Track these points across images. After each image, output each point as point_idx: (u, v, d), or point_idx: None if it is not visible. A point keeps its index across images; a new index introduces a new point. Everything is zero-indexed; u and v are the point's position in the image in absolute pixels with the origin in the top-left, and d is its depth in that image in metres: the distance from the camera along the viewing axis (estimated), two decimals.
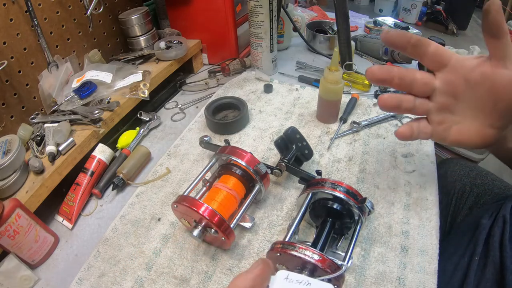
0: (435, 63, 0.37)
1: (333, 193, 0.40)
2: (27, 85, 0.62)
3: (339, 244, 0.43)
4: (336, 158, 0.59)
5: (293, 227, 0.40)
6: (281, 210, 0.50)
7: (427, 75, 0.38)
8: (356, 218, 0.41)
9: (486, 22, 0.32)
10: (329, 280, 0.34)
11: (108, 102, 0.64)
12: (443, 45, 1.07)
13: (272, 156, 0.60)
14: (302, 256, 0.33)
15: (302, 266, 0.35)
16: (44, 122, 0.60)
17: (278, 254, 0.35)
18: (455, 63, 0.36)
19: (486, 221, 0.45)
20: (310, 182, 0.44)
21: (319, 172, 0.46)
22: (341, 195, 0.40)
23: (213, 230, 0.40)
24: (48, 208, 0.54)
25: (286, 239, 0.39)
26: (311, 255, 0.33)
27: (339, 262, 0.36)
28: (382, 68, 0.37)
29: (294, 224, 0.41)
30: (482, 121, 0.37)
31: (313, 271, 0.35)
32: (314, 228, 0.47)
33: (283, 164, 0.50)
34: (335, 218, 0.42)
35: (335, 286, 0.34)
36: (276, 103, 0.73)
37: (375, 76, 0.38)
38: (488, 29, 0.32)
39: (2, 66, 0.55)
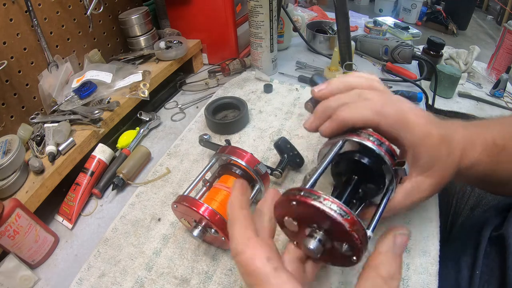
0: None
1: (371, 146, 0.32)
2: (27, 85, 0.62)
3: (357, 211, 0.37)
4: None
5: (315, 175, 0.32)
6: None
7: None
8: (387, 184, 0.35)
9: None
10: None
11: (108, 102, 0.64)
12: (443, 45, 1.07)
13: (272, 156, 0.60)
14: (328, 210, 0.25)
15: (318, 225, 0.27)
16: (44, 122, 0.60)
17: (294, 203, 0.27)
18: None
19: (486, 233, 0.45)
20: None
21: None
22: (381, 151, 0.32)
23: (213, 230, 0.40)
24: (48, 208, 0.54)
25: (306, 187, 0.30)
26: (339, 211, 0.25)
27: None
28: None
29: (316, 174, 0.32)
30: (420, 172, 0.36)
31: (334, 235, 0.27)
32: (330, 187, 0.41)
33: (278, 172, 0.51)
34: (362, 178, 0.35)
35: (354, 258, 0.27)
36: (276, 103, 0.73)
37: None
38: None
39: (2, 66, 0.54)
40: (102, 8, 0.72)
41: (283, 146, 0.53)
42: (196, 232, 0.41)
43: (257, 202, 0.51)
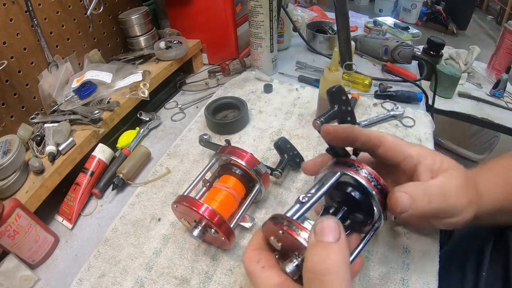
0: (383, 162, 0.37)
1: (365, 184, 0.34)
2: (27, 85, 0.62)
3: None
4: None
5: (308, 204, 0.33)
6: (281, 211, 0.50)
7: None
8: (375, 221, 0.36)
9: None
10: None
11: (108, 102, 0.64)
12: (443, 45, 1.06)
13: (272, 156, 0.60)
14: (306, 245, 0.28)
15: (299, 252, 0.30)
16: (44, 122, 0.60)
17: (281, 232, 0.29)
18: (404, 168, 0.36)
19: (489, 247, 0.45)
20: (342, 159, 0.38)
21: (356, 153, 0.40)
22: (373, 192, 0.34)
23: (213, 230, 0.40)
24: (48, 208, 0.54)
25: (296, 216, 0.32)
26: None
27: None
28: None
29: (310, 202, 0.33)
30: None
31: None
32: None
33: (278, 173, 0.51)
34: (351, 210, 0.37)
35: None
36: (276, 103, 0.73)
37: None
38: None
39: (2, 66, 0.54)
40: (102, 8, 0.72)
41: (283, 146, 0.53)
42: (196, 232, 0.41)
43: (257, 202, 0.51)
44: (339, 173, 0.36)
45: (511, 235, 0.41)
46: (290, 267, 0.29)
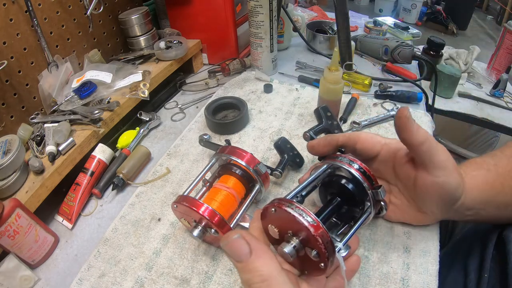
0: (364, 157, 0.41)
1: (348, 169, 0.38)
2: (27, 85, 0.62)
3: (340, 231, 0.40)
4: None
5: (297, 188, 0.37)
6: None
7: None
8: (366, 206, 0.39)
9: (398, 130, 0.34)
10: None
11: (108, 102, 0.64)
12: (443, 45, 1.06)
13: (272, 156, 0.60)
14: (297, 215, 0.30)
15: (294, 232, 0.31)
16: (44, 122, 0.60)
17: (273, 210, 0.31)
18: (385, 156, 0.40)
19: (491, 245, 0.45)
20: (329, 156, 0.42)
21: (342, 151, 0.43)
22: (356, 173, 0.37)
23: (213, 230, 0.40)
24: (48, 208, 0.54)
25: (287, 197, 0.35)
26: (306, 218, 0.29)
27: (337, 239, 0.33)
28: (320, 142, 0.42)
29: (299, 187, 0.37)
30: (415, 207, 0.41)
31: (306, 241, 0.31)
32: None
33: (278, 173, 0.51)
34: (344, 200, 0.39)
35: (321, 264, 0.30)
36: (276, 103, 0.73)
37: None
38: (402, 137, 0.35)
39: (2, 66, 0.54)
40: (102, 8, 0.72)
41: (283, 146, 0.53)
42: (196, 232, 0.41)
43: (257, 203, 0.51)
44: (325, 165, 0.40)
45: (508, 235, 0.41)
46: (287, 247, 0.31)
